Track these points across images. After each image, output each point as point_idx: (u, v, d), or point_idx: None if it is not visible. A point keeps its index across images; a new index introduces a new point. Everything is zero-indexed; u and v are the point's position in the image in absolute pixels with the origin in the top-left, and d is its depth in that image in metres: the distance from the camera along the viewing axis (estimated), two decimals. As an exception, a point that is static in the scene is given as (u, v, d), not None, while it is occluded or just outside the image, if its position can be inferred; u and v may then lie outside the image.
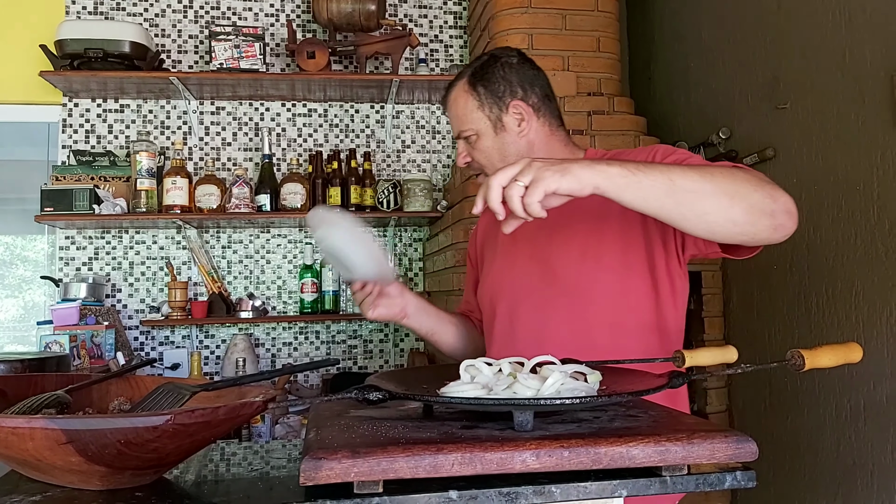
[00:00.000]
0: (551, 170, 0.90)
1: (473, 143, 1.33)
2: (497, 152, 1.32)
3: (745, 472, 0.76)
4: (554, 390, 0.79)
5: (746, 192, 1.01)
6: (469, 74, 1.34)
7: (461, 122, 1.33)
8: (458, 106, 1.33)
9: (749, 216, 1.02)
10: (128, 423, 0.75)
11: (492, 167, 1.31)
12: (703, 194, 0.97)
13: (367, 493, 0.73)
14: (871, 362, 1.93)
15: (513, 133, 1.32)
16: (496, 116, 1.32)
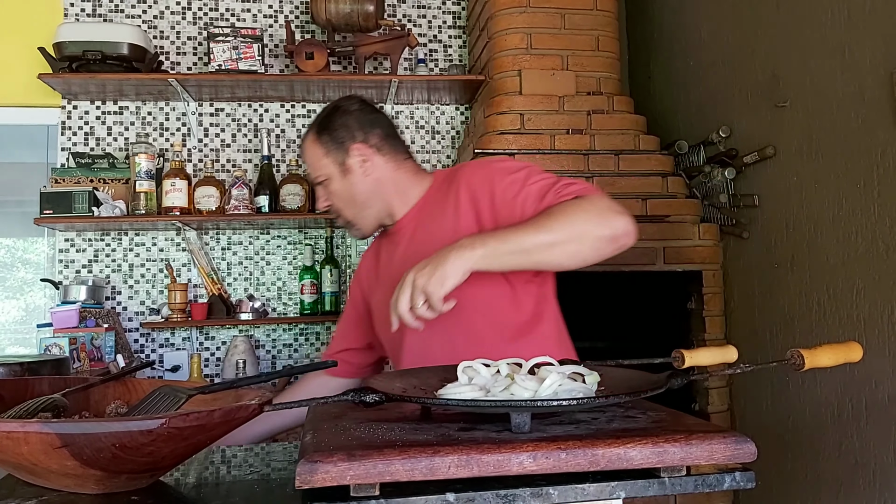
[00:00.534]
0: (434, 280, 1.10)
1: (327, 188, 1.45)
2: (347, 193, 1.44)
3: (744, 473, 0.75)
4: (551, 391, 0.79)
5: (589, 230, 1.18)
6: (315, 126, 1.47)
7: (313, 170, 1.46)
8: (308, 155, 1.47)
9: (595, 250, 1.19)
10: (122, 427, 0.75)
11: (346, 208, 1.45)
12: (554, 247, 1.17)
13: (364, 496, 0.73)
14: (872, 361, 1.92)
15: (358, 174, 1.43)
16: (341, 161, 1.43)
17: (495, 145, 2.57)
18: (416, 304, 1.11)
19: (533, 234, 1.15)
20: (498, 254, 1.14)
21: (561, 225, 1.16)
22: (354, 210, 1.45)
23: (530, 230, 1.16)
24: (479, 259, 1.12)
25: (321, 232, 3.10)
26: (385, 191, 1.44)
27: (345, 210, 1.46)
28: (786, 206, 2.30)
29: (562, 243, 1.16)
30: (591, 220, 1.18)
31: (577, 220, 1.17)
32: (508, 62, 2.72)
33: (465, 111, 3.24)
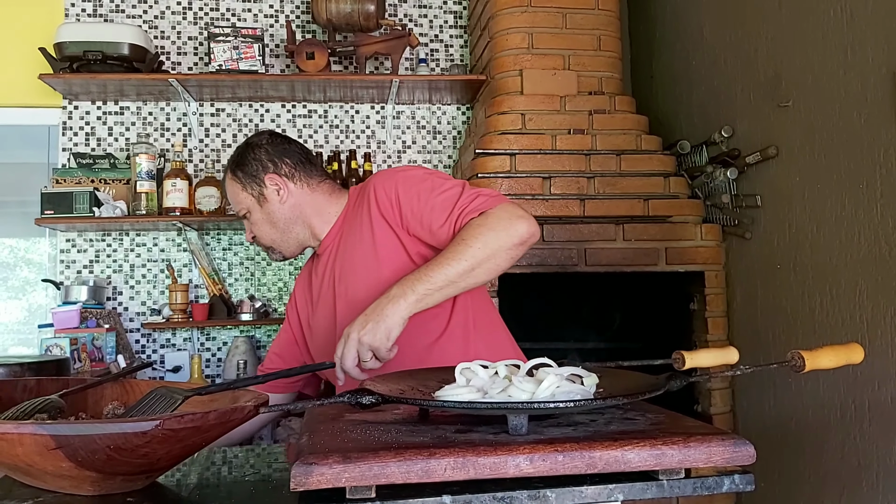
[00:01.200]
0: (379, 336, 1.19)
1: (249, 220, 1.54)
2: (267, 220, 1.52)
3: (743, 476, 0.75)
4: (549, 393, 0.78)
5: (501, 244, 1.26)
6: (231, 165, 1.55)
7: (235, 205, 1.54)
8: (229, 193, 1.55)
9: (509, 260, 1.28)
10: (117, 428, 0.75)
11: (267, 235, 1.53)
12: (475, 270, 1.25)
13: (360, 498, 0.73)
14: (875, 362, 1.91)
15: (275, 202, 1.52)
16: (258, 192, 1.52)
17: (496, 145, 2.57)
18: (364, 359, 1.19)
19: (454, 266, 1.24)
20: (429, 293, 1.23)
21: (475, 249, 1.25)
22: (276, 235, 1.54)
23: (451, 262, 1.25)
24: (414, 304, 1.22)
25: (322, 232, 3.09)
26: (304, 213, 1.53)
27: (266, 237, 1.54)
28: (788, 207, 2.29)
29: (480, 264, 1.25)
30: (499, 235, 1.26)
31: (488, 238, 1.26)
32: (510, 62, 2.71)
33: (467, 111, 3.23)
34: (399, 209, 1.38)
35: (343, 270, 1.47)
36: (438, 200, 1.34)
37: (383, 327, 1.19)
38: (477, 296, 1.48)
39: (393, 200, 1.39)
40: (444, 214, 1.32)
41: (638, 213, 2.55)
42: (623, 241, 2.51)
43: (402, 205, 1.38)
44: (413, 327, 1.29)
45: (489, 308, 1.54)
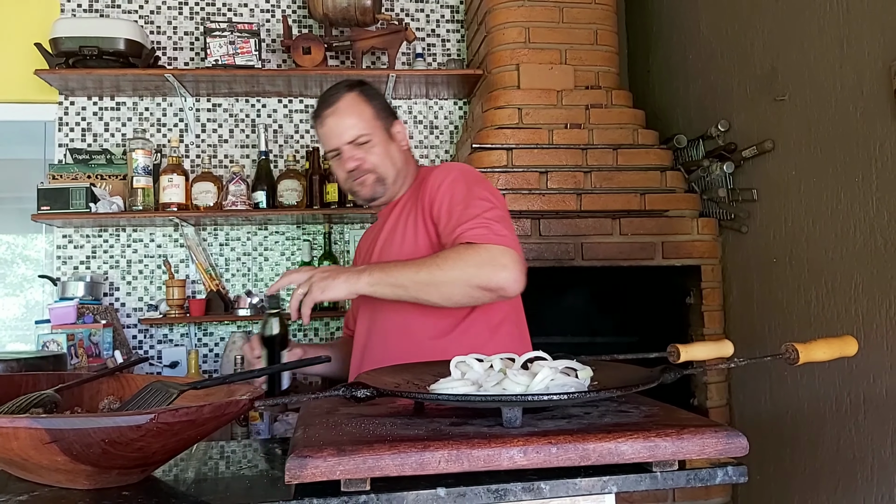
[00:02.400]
0: (321, 284, 1.27)
1: (367, 148, 1.50)
2: (389, 157, 1.52)
3: (736, 468, 0.75)
4: (543, 386, 0.78)
5: (465, 278, 1.29)
6: (358, 89, 1.54)
7: (357, 129, 1.50)
8: (354, 114, 1.51)
9: (466, 296, 1.31)
10: (111, 422, 0.75)
11: (383, 166, 1.51)
12: (429, 286, 1.29)
13: (355, 490, 0.73)
14: (870, 355, 1.92)
15: (399, 144, 1.55)
16: (388, 126, 1.54)
17: (493, 140, 2.57)
18: (297, 290, 1.29)
19: (414, 273, 1.29)
20: (381, 284, 1.29)
21: (441, 268, 1.29)
22: (391, 171, 1.53)
23: (413, 268, 1.30)
24: (365, 286, 1.29)
25: (319, 227, 3.09)
26: (407, 168, 1.57)
27: (381, 166, 1.51)
28: (784, 201, 2.29)
29: (437, 284, 1.29)
30: (469, 269, 1.29)
31: (457, 266, 1.28)
32: (506, 56, 2.71)
33: (464, 106, 3.23)
34: (435, 198, 1.43)
35: (385, 242, 1.53)
36: (458, 210, 1.38)
37: (328, 283, 1.27)
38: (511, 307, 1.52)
39: (436, 189, 1.44)
40: (452, 225, 1.36)
41: (634, 208, 2.55)
42: (620, 236, 2.52)
43: (439, 195, 1.42)
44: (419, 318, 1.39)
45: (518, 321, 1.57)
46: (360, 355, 1.54)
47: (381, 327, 1.49)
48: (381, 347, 1.47)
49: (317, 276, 1.28)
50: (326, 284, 1.27)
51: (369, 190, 1.53)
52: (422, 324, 1.43)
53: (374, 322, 1.51)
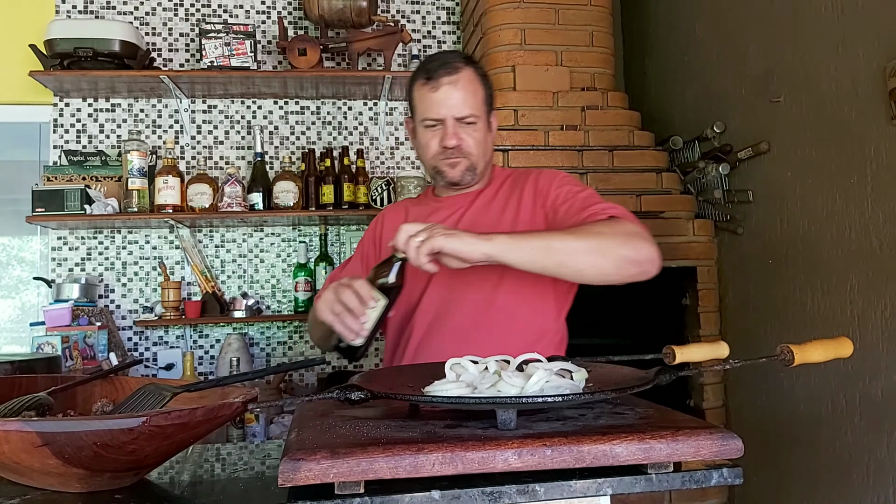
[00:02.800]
0: (445, 236, 1.12)
1: (470, 130, 1.41)
2: (484, 146, 1.45)
3: (731, 469, 0.75)
4: (538, 388, 0.78)
5: (615, 247, 1.21)
6: (476, 67, 1.45)
7: (468, 106, 1.40)
8: (471, 91, 1.41)
9: (617, 268, 1.21)
10: (103, 425, 0.74)
11: (477, 149, 1.43)
12: (577, 254, 1.19)
13: (349, 493, 0.72)
14: (866, 357, 1.92)
15: (492, 132, 1.48)
16: (488, 114, 1.46)
17: (489, 141, 2.57)
18: (414, 236, 1.12)
19: (559, 237, 1.19)
20: (519, 246, 1.15)
21: (588, 235, 1.20)
22: (482, 161, 1.46)
23: (558, 233, 1.21)
24: (499, 246, 1.14)
25: (315, 229, 3.09)
26: (490, 162, 1.51)
27: (474, 149, 1.43)
28: (780, 202, 2.29)
29: (586, 252, 1.19)
30: (618, 239, 1.21)
31: (605, 235, 1.21)
32: (502, 58, 2.71)
33: (460, 107, 3.22)
34: (545, 197, 1.40)
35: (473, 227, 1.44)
36: (583, 196, 1.36)
37: (456, 236, 1.13)
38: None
39: (546, 186, 1.41)
40: (581, 206, 1.33)
41: (630, 209, 2.54)
42: (616, 237, 2.51)
43: (549, 193, 1.40)
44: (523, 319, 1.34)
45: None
46: (424, 328, 1.43)
47: (461, 305, 1.40)
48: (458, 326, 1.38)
49: (437, 229, 1.14)
50: (451, 234, 1.13)
51: (459, 174, 1.44)
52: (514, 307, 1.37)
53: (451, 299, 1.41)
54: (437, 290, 1.43)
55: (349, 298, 1.16)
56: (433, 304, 1.43)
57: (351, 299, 1.16)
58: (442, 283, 1.41)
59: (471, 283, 1.38)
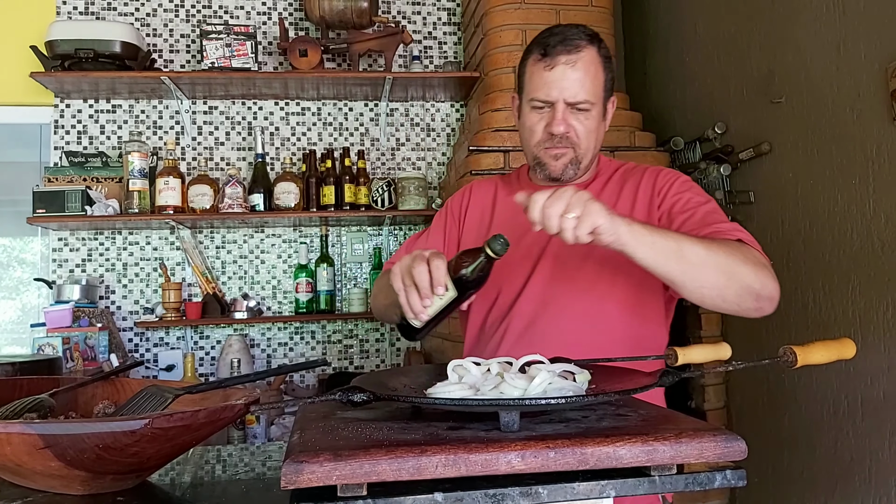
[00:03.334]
0: (598, 205, 0.98)
1: (582, 118, 1.27)
2: (595, 136, 1.30)
3: (735, 471, 0.75)
4: (541, 390, 0.78)
5: (743, 274, 1.10)
6: (600, 47, 1.29)
7: (585, 91, 1.25)
8: (591, 75, 1.26)
9: (738, 297, 1.11)
10: (106, 427, 0.74)
11: (586, 139, 1.29)
12: (705, 268, 1.08)
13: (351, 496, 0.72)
14: (868, 358, 1.92)
15: (607, 121, 1.34)
16: (606, 99, 1.32)
17: (490, 142, 2.56)
18: (570, 213, 0.97)
19: (692, 245, 1.07)
20: (653, 239, 1.04)
21: (719, 256, 1.09)
22: (590, 154, 1.32)
23: (691, 240, 1.09)
24: (635, 233, 1.02)
25: (316, 230, 3.09)
26: (597, 151, 1.36)
27: (583, 145, 1.29)
28: (781, 203, 2.29)
29: (714, 269, 1.08)
30: (747, 266, 1.10)
31: (736, 258, 1.10)
32: (503, 58, 2.71)
33: (461, 108, 3.23)
34: (663, 197, 1.29)
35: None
36: (702, 209, 1.24)
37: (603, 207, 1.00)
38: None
39: (666, 187, 1.30)
40: (703, 220, 1.20)
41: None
42: (617, 238, 2.51)
43: (668, 193, 1.29)
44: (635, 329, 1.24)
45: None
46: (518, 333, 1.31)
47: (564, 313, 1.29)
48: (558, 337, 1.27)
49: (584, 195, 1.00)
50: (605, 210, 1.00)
51: (561, 168, 1.30)
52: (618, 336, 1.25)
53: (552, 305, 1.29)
54: (536, 293, 1.31)
55: (421, 275, 1.02)
56: (531, 306, 1.31)
57: (422, 277, 1.02)
58: (542, 284, 1.31)
59: (576, 287, 1.28)
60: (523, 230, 1.30)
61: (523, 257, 1.33)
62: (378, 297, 1.40)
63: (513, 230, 1.32)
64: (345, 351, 3.08)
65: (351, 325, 3.10)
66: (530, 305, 1.30)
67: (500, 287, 1.34)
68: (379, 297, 1.38)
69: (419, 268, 1.03)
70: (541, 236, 1.28)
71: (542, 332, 1.28)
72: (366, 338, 3.11)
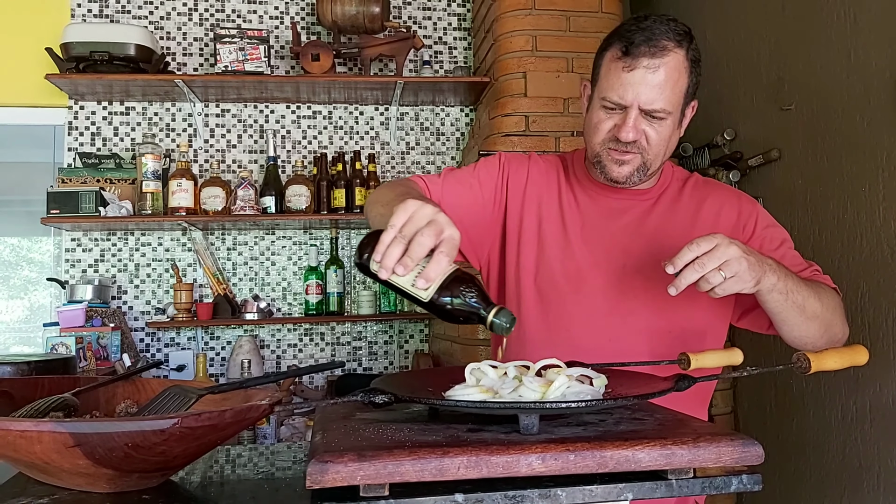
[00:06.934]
0: (750, 274, 0.99)
1: (656, 125, 1.16)
2: (667, 144, 1.20)
3: (751, 476, 0.76)
4: (559, 393, 0.79)
5: (835, 326, 1.16)
6: (689, 50, 1.17)
7: (665, 100, 1.14)
8: (671, 82, 1.14)
9: (825, 344, 1.16)
10: (135, 426, 0.76)
11: (657, 147, 1.18)
12: (815, 321, 1.12)
13: (373, 496, 0.73)
14: (877, 364, 1.92)
15: (682, 127, 1.23)
16: (683, 109, 1.21)
17: (500, 147, 2.58)
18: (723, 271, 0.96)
19: (812, 298, 1.10)
20: (784, 296, 1.06)
21: (826, 307, 1.13)
22: (658, 162, 1.22)
23: (812, 291, 1.10)
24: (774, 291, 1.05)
25: (326, 233, 3.11)
26: (667, 158, 1.25)
27: (653, 153, 1.19)
28: (790, 210, 2.30)
29: (819, 321, 1.12)
30: (837, 317, 1.15)
31: (835, 312, 1.15)
32: (514, 64, 2.73)
33: (470, 113, 3.24)
34: (750, 231, 1.26)
35: (650, 240, 1.24)
36: (791, 253, 1.26)
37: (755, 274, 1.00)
38: None
39: (747, 218, 1.27)
40: (796, 266, 1.20)
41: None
42: (626, 243, 2.52)
43: (755, 231, 1.26)
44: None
45: None
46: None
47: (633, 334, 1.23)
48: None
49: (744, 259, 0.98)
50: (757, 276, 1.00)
51: (626, 174, 1.20)
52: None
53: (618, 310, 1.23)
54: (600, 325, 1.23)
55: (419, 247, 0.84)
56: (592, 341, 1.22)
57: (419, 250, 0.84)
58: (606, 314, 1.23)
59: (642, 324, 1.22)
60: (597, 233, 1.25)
61: (597, 265, 1.25)
62: (375, 205, 1.19)
63: (584, 231, 1.27)
64: (353, 353, 3.09)
65: (360, 326, 3.12)
66: (606, 318, 1.23)
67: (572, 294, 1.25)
68: (376, 206, 1.18)
69: (425, 237, 0.84)
70: (617, 243, 1.24)
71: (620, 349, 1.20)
72: (374, 340, 3.13)
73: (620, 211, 1.28)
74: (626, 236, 1.25)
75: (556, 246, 1.27)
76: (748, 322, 1.28)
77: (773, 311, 1.11)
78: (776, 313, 1.11)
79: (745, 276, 0.99)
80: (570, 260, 1.26)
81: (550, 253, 1.27)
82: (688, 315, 1.23)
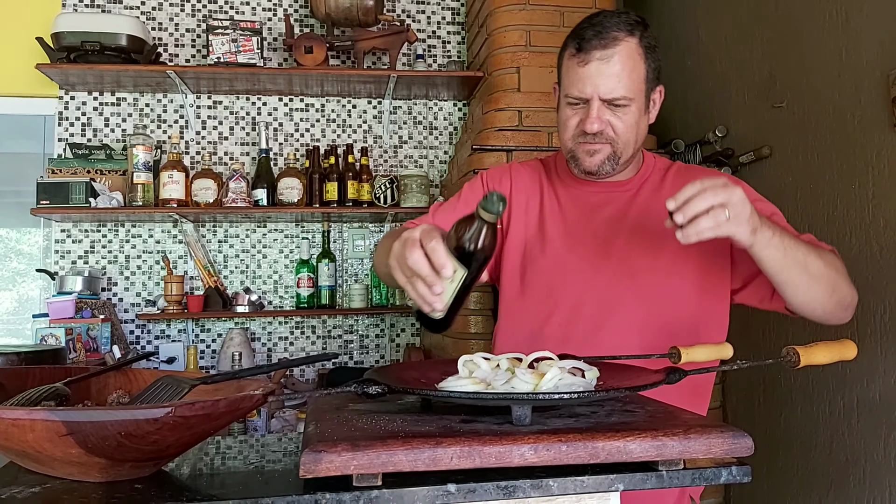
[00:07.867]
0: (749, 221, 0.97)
1: (620, 113, 1.21)
2: (636, 131, 1.24)
3: (740, 468, 0.77)
4: (552, 385, 0.80)
5: (842, 287, 1.12)
6: (641, 37, 1.21)
7: (622, 87, 1.18)
8: (627, 70, 1.18)
9: (835, 308, 1.14)
10: (129, 415, 0.76)
11: (623, 139, 1.22)
12: (820, 281, 1.09)
13: (366, 485, 0.74)
14: (864, 360, 1.94)
15: (649, 116, 1.28)
16: (650, 93, 1.25)
17: (493, 142, 2.58)
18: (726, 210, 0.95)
19: (813, 256, 1.08)
20: (785, 246, 1.04)
21: (830, 269, 1.10)
22: (630, 150, 1.25)
23: (810, 250, 1.08)
24: (764, 237, 1.01)
25: (318, 226, 3.10)
26: (640, 145, 1.29)
27: (622, 140, 1.23)
28: (781, 206, 2.27)
29: (825, 281, 1.10)
30: (843, 279, 1.13)
31: (838, 273, 1.12)
32: (507, 59, 2.73)
33: (464, 107, 3.24)
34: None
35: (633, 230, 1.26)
36: (781, 218, 1.23)
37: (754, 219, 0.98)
38: None
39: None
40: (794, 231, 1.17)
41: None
42: (618, 239, 2.53)
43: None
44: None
45: None
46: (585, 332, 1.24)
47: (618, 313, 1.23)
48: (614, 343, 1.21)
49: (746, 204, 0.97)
50: (756, 222, 0.99)
51: (597, 164, 1.23)
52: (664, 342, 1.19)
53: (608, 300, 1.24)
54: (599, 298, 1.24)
55: (418, 263, 0.90)
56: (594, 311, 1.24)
57: (421, 264, 0.90)
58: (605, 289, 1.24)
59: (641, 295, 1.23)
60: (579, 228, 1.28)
61: (580, 259, 1.27)
62: (380, 265, 1.25)
63: (566, 228, 1.30)
64: (345, 346, 3.09)
65: (351, 320, 3.12)
66: (593, 310, 1.24)
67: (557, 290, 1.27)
68: (380, 265, 1.24)
69: (414, 255, 0.90)
70: (600, 236, 1.26)
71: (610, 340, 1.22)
72: (366, 333, 3.13)
73: (601, 204, 1.30)
74: (608, 229, 1.28)
75: (541, 244, 1.31)
76: (749, 294, 1.27)
77: (774, 270, 1.06)
78: (776, 273, 1.07)
79: (743, 219, 0.97)
80: (556, 256, 1.29)
81: (537, 252, 1.31)
82: (679, 305, 1.24)
